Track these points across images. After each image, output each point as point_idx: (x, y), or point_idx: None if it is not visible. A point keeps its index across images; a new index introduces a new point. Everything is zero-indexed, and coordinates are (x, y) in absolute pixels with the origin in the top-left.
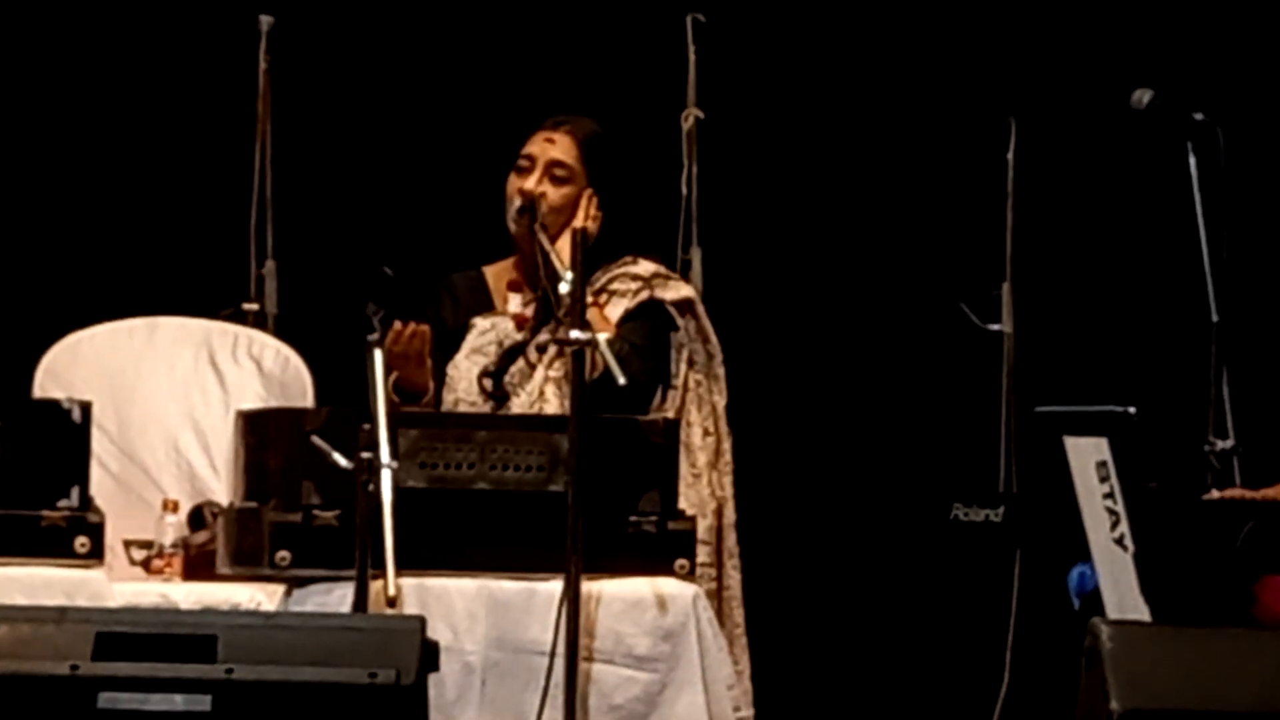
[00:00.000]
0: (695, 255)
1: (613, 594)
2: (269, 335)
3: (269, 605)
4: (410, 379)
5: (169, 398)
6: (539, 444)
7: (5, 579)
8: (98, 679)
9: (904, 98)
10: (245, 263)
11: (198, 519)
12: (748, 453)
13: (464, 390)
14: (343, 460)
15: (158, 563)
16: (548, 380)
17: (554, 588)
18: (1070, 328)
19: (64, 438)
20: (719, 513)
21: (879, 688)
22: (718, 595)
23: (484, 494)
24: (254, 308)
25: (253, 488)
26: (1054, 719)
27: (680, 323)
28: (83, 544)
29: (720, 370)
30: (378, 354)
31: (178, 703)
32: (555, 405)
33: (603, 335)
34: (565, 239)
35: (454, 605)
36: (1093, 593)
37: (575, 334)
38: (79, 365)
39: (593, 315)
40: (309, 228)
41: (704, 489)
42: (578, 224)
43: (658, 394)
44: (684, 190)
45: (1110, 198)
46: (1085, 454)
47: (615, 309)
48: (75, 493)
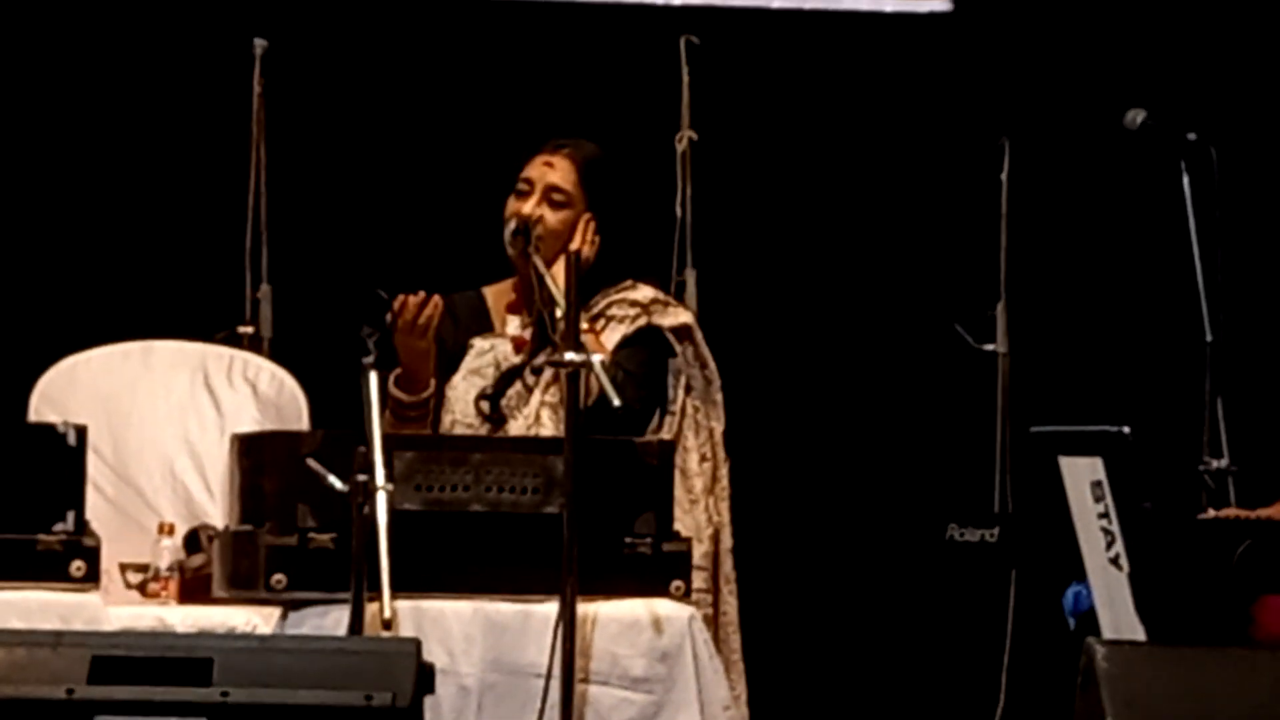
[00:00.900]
0: (690, 277)
1: (608, 616)
2: (264, 358)
3: (265, 628)
4: (414, 367)
5: (164, 421)
6: (534, 466)
7: (1, 603)
8: (94, 703)
9: (898, 119)
10: (240, 286)
11: (193, 542)
12: (743, 475)
13: (461, 412)
14: (338, 483)
15: (153, 586)
16: (544, 405)
17: (550, 609)
18: (1065, 348)
19: (59, 461)
20: (716, 538)
21: (876, 709)
22: (714, 621)
23: (479, 516)
24: (249, 331)
25: (248, 511)
26: None
27: (678, 349)
28: (78, 568)
29: (718, 396)
30: (373, 376)
31: None
32: (551, 430)
33: (597, 357)
34: (561, 263)
35: (450, 627)
36: (1088, 613)
37: (570, 356)
38: (74, 389)
39: (588, 340)
40: (304, 251)
41: (700, 514)
42: (574, 248)
43: (655, 419)
44: (679, 212)
45: (1104, 218)
46: (1080, 474)
47: (613, 335)
48: (71, 516)
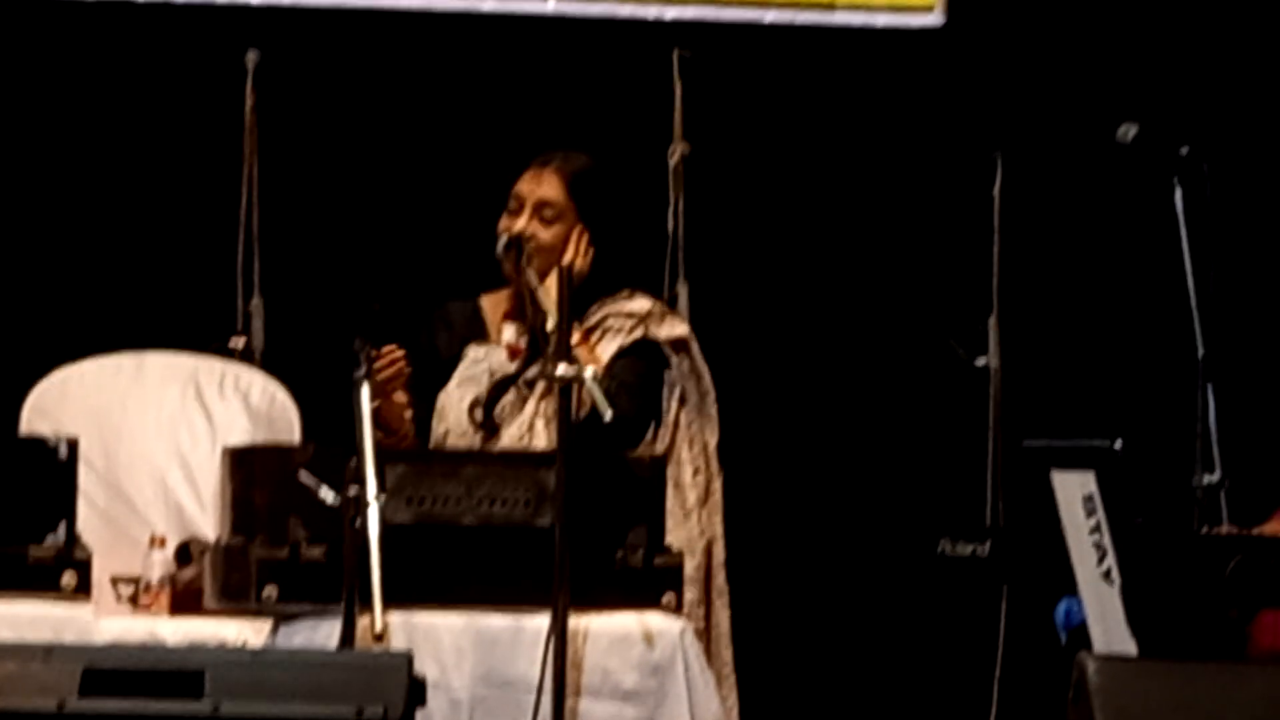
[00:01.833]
0: (682, 290)
1: (600, 629)
2: (256, 371)
3: (256, 641)
4: (386, 414)
5: (156, 434)
6: (526, 479)
7: None
8: (85, 715)
9: (890, 133)
10: (232, 298)
11: (185, 555)
12: (736, 488)
13: (454, 420)
14: (330, 496)
15: (145, 599)
16: (538, 414)
17: (541, 623)
18: (1057, 362)
19: (51, 474)
20: (708, 551)
21: None
22: (706, 634)
23: (471, 529)
24: (241, 343)
25: (240, 523)
26: None
27: (673, 361)
28: (70, 580)
29: (713, 409)
30: (365, 389)
31: None
32: (545, 439)
33: (589, 370)
34: (554, 277)
35: (441, 641)
36: (1080, 627)
37: (562, 369)
38: (66, 401)
39: (580, 353)
40: (296, 263)
41: (693, 527)
42: (566, 261)
43: (649, 431)
44: (670, 225)
45: (1096, 232)
46: (1072, 488)
47: (608, 346)
48: (62, 529)
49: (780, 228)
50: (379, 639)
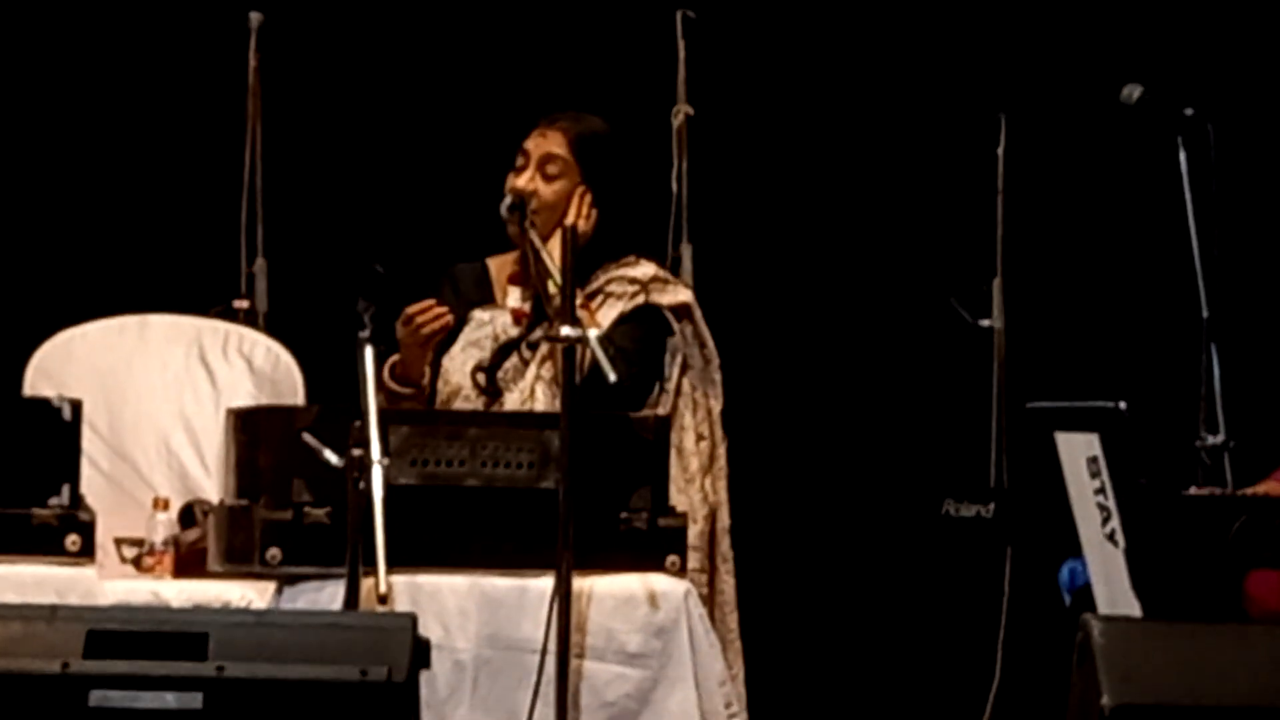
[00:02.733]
0: (686, 252)
1: (604, 591)
2: (260, 333)
3: (260, 603)
4: (413, 366)
5: (160, 396)
6: (530, 441)
7: None
8: (89, 677)
9: (894, 93)
10: (236, 260)
11: (189, 517)
12: (738, 452)
13: (458, 383)
14: (334, 458)
15: (149, 560)
16: (539, 379)
17: (545, 584)
18: (1061, 323)
19: (55, 436)
20: (712, 518)
21: (871, 684)
22: (710, 600)
23: (475, 491)
24: (245, 305)
25: (244, 485)
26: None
27: (676, 327)
28: (74, 542)
29: (716, 375)
30: (368, 351)
31: (169, 700)
32: (545, 405)
33: (593, 332)
34: (557, 238)
35: (445, 602)
36: (1084, 588)
37: (566, 331)
38: (70, 363)
39: (582, 316)
40: (299, 225)
41: (697, 494)
42: (568, 222)
43: (653, 395)
44: (674, 187)
45: (1100, 193)
46: (1076, 449)
47: (610, 311)
48: (66, 491)
49: (784, 190)
50: (383, 601)
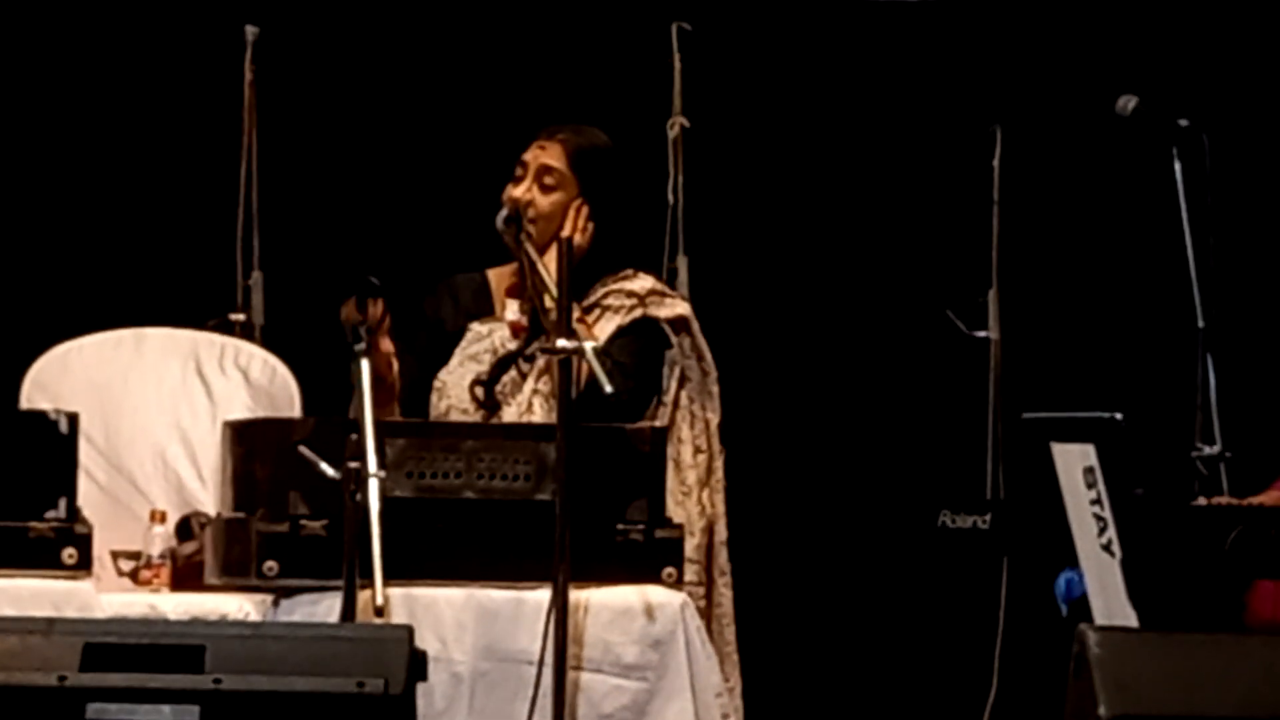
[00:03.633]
0: (681, 264)
1: (601, 603)
2: (256, 345)
3: (257, 615)
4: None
5: (156, 408)
6: (526, 453)
7: None
8: (86, 690)
9: (889, 106)
10: (232, 273)
11: (185, 530)
12: (736, 465)
13: (456, 397)
14: (330, 470)
15: (145, 573)
16: (535, 393)
17: (542, 597)
18: (1057, 334)
19: (51, 449)
20: (710, 530)
21: (869, 695)
22: (708, 613)
23: (471, 503)
24: (241, 318)
25: (240, 498)
26: None
27: (674, 340)
28: (70, 555)
29: (714, 388)
30: (364, 363)
31: (166, 713)
32: (542, 419)
33: (590, 344)
34: (554, 251)
35: (442, 615)
36: (1080, 599)
37: (562, 343)
38: (66, 376)
39: (579, 329)
40: (295, 238)
41: (694, 506)
42: (565, 235)
43: (651, 408)
44: (670, 199)
45: (1096, 204)
46: (1072, 460)
47: (608, 325)
48: (63, 504)
49: (780, 201)
50: (380, 613)
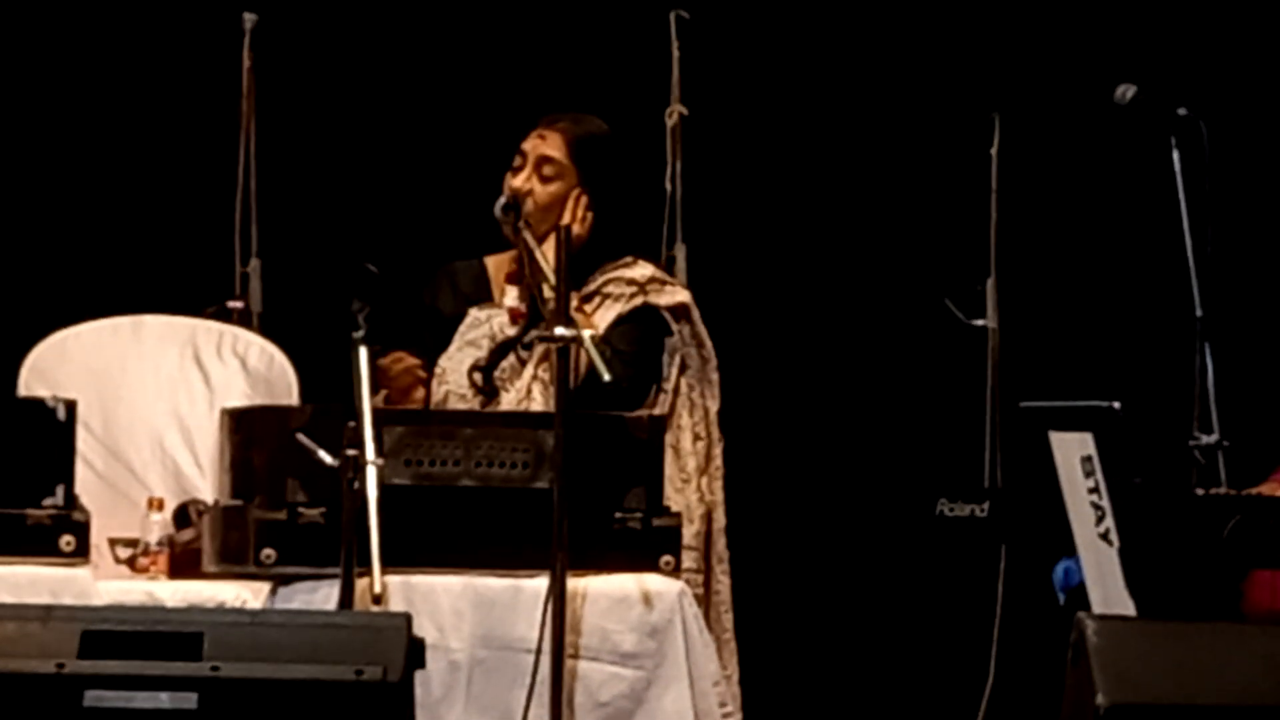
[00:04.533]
0: (680, 252)
1: (598, 591)
2: (254, 333)
3: (254, 603)
4: (397, 404)
5: (154, 396)
6: (524, 441)
7: None
8: (84, 677)
9: (888, 94)
10: (230, 260)
11: (183, 517)
12: (734, 453)
13: (455, 383)
14: (328, 458)
15: (143, 561)
16: (535, 379)
17: (540, 585)
18: (1055, 323)
19: (49, 436)
20: (708, 518)
21: (866, 683)
22: (706, 600)
23: (469, 491)
24: (239, 305)
25: (238, 485)
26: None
27: (675, 328)
28: (68, 542)
29: (714, 375)
30: (363, 351)
31: (164, 700)
32: (541, 405)
33: (588, 332)
34: (553, 239)
35: (440, 602)
36: (1078, 587)
37: (560, 331)
38: (64, 363)
39: (578, 318)
40: (293, 225)
41: (692, 494)
42: (564, 224)
43: (651, 396)
44: (668, 187)
45: (1094, 193)
46: (1070, 449)
47: (608, 313)
48: (60, 491)
49: (778, 190)
50: (377, 601)
